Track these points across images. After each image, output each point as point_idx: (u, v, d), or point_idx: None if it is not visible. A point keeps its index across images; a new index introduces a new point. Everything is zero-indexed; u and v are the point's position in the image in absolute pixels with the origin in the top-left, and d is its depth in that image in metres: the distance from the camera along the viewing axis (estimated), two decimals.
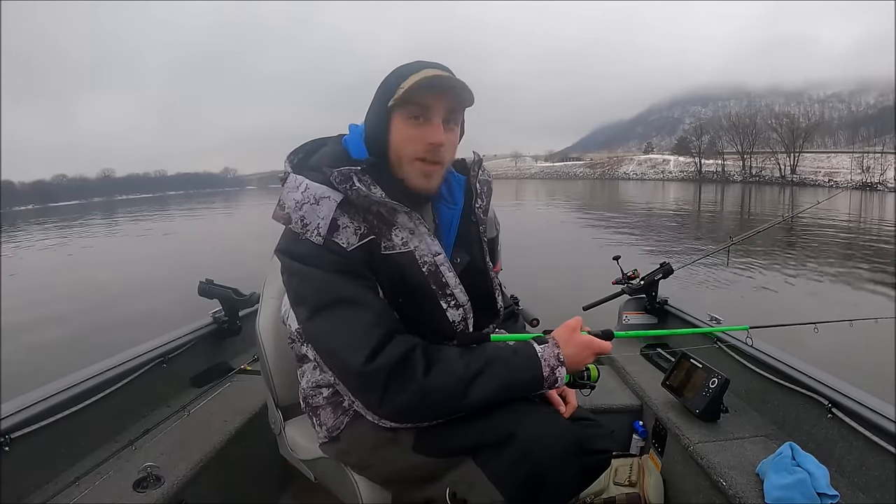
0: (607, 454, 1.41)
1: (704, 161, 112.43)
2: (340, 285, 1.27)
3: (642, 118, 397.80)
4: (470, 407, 1.27)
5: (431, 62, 1.34)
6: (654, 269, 3.00)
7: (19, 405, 1.66)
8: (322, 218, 1.27)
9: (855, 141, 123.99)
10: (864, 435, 1.67)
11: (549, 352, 1.31)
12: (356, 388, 1.28)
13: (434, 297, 1.39)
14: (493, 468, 1.25)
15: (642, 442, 2.38)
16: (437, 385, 1.24)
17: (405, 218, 1.34)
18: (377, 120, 1.35)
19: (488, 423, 1.28)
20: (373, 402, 1.26)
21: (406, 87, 1.26)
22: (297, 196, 1.30)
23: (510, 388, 1.29)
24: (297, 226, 1.28)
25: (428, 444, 1.35)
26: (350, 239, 1.28)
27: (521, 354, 1.31)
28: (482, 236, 1.59)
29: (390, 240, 1.34)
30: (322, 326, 1.28)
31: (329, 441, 1.54)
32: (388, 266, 1.33)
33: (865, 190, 56.02)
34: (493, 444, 1.26)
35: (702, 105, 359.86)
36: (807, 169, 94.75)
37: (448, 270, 1.39)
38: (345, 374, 1.28)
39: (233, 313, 2.71)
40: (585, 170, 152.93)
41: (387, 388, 1.22)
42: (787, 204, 38.42)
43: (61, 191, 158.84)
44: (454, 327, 1.42)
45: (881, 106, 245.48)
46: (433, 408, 1.27)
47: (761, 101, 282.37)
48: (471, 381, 1.25)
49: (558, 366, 1.30)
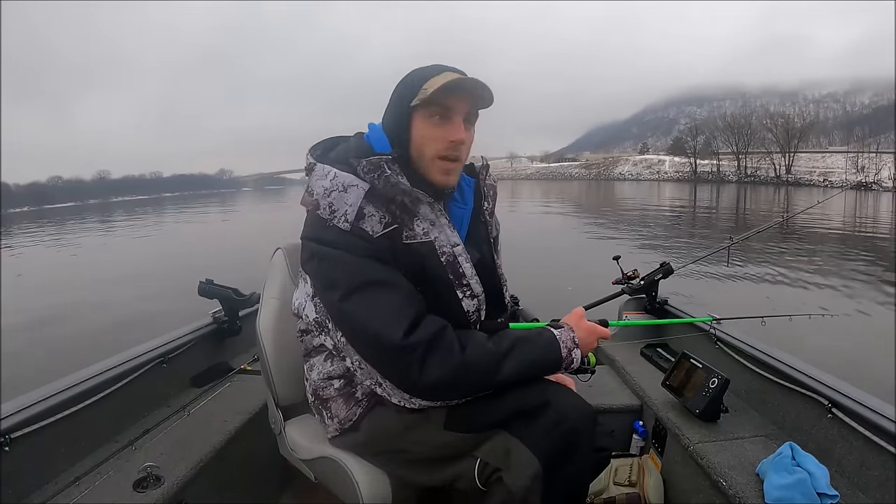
0: (607, 452, 1.48)
1: (700, 161, 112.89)
2: (371, 268, 1.32)
3: (638, 118, 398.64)
4: (501, 383, 1.34)
5: (448, 66, 1.41)
6: (654, 269, 2.99)
7: (19, 405, 1.65)
8: (350, 205, 1.33)
9: (850, 141, 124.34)
10: (864, 435, 1.67)
11: (566, 335, 1.43)
12: (392, 364, 1.32)
13: (451, 287, 1.44)
14: (529, 434, 1.31)
15: (642, 442, 2.38)
16: (474, 360, 1.31)
17: (427, 209, 1.40)
18: (398, 119, 1.41)
19: (521, 395, 1.36)
20: (411, 376, 1.30)
21: (431, 88, 1.32)
22: (325, 183, 1.35)
23: (536, 366, 1.39)
24: (325, 212, 1.34)
25: (460, 420, 1.40)
26: (375, 227, 1.34)
27: (544, 337, 1.42)
28: (490, 235, 1.65)
29: (412, 229, 1.39)
30: (357, 306, 1.32)
31: (341, 434, 1.55)
32: (409, 255, 1.38)
33: (860, 190, 56.21)
34: (528, 413, 1.32)
35: (697, 105, 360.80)
36: (802, 169, 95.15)
37: (465, 261, 1.45)
38: (383, 350, 1.31)
39: (233, 313, 2.70)
40: (581, 170, 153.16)
41: (424, 361, 1.28)
42: (782, 204, 38.60)
43: (57, 192, 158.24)
44: (469, 317, 1.47)
45: (876, 106, 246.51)
46: (469, 383, 1.34)
47: (756, 102, 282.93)
48: (503, 357, 1.33)
49: (574, 348, 1.42)
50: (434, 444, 1.43)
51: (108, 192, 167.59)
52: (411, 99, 1.36)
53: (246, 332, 2.74)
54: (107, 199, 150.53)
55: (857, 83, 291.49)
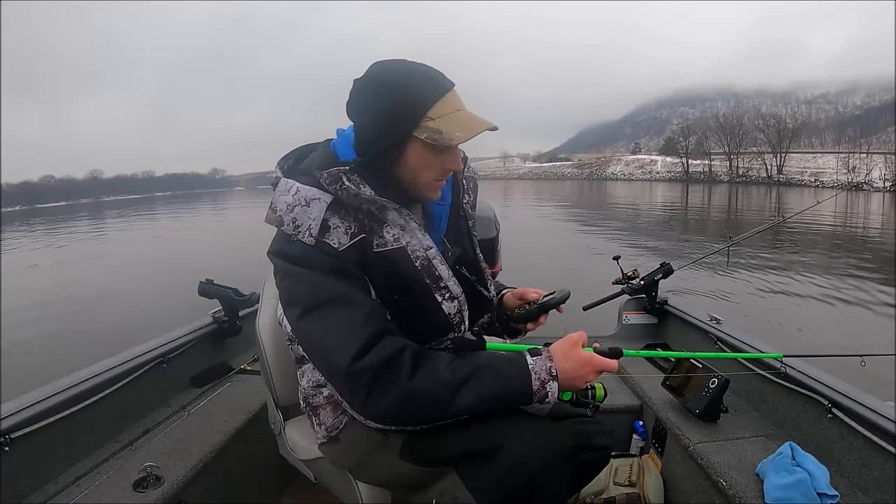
0: (606, 450, 1.43)
1: (692, 161, 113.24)
2: (332, 285, 1.27)
3: (630, 118, 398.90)
4: (456, 414, 1.26)
5: (439, 76, 1.33)
6: (654, 269, 3.01)
7: (19, 405, 1.65)
8: (313, 219, 1.28)
9: (841, 141, 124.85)
10: (864, 435, 1.68)
11: (542, 365, 1.27)
12: (343, 388, 1.28)
13: (429, 291, 1.40)
14: (477, 482, 1.26)
15: (642, 442, 2.39)
16: (422, 389, 1.22)
17: (395, 215, 1.36)
18: (388, 138, 1.31)
19: (475, 433, 1.28)
20: (358, 403, 1.25)
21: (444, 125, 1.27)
22: (287, 199, 1.31)
23: (497, 399, 1.26)
24: (288, 227, 1.29)
25: (413, 451, 1.37)
26: (341, 239, 1.29)
27: (514, 365, 1.28)
28: (472, 230, 1.62)
29: (382, 237, 1.35)
30: (312, 326, 1.28)
31: (328, 441, 1.54)
32: (382, 263, 1.34)
33: (852, 190, 56.47)
34: (479, 455, 1.26)
35: (690, 106, 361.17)
36: (793, 169, 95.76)
37: (441, 264, 1.41)
38: (333, 373, 1.28)
39: (233, 313, 2.70)
40: (573, 170, 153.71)
41: (371, 388, 1.22)
42: (773, 203, 38.73)
43: (49, 192, 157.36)
44: (450, 320, 1.44)
45: (867, 107, 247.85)
46: (417, 413, 1.26)
47: (749, 102, 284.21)
48: (457, 388, 1.23)
49: (549, 380, 1.26)
50: (392, 471, 1.43)
51: (100, 192, 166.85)
52: (409, 123, 1.28)
53: (246, 332, 2.73)
54: (98, 198, 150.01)
55: (850, 84, 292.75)
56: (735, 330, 2.47)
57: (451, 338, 1.47)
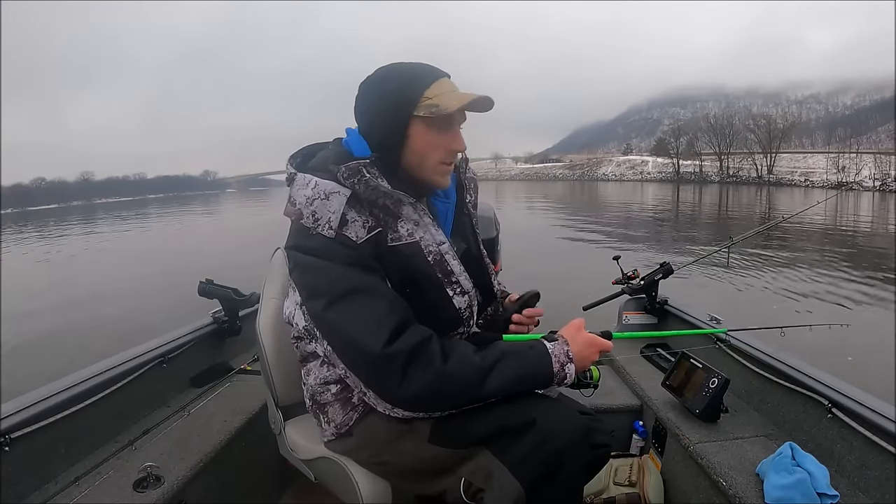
0: (607, 448, 1.46)
1: (682, 162, 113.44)
2: (354, 276, 1.31)
3: (622, 119, 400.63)
4: (485, 398, 1.32)
5: (434, 67, 1.43)
6: (654, 269, 3.01)
7: (19, 405, 1.64)
8: (333, 212, 1.32)
9: (831, 141, 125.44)
10: (864, 435, 1.69)
11: (559, 349, 1.38)
12: (373, 374, 1.31)
13: (441, 286, 1.45)
14: (510, 457, 1.29)
15: (642, 442, 2.39)
16: (455, 373, 1.28)
17: (410, 209, 1.40)
18: (391, 124, 1.39)
19: (507, 412, 1.33)
20: (390, 387, 1.29)
21: (440, 101, 1.35)
22: (307, 192, 1.35)
23: (522, 381, 1.34)
24: (308, 220, 1.33)
25: (444, 434, 1.39)
26: (359, 232, 1.33)
27: (535, 350, 1.37)
28: (475, 227, 1.70)
29: (396, 231, 1.39)
30: (338, 316, 1.31)
31: (337, 438, 1.55)
32: (395, 257, 1.38)
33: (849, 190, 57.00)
34: (512, 431, 1.31)
35: (681, 106, 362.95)
36: (783, 169, 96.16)
37: (452, 259, 1.46)
38: (362, 361, 1.31)
39: (233, 313, 2.69)
40: (565, 171, 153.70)
41: (405, 372, 1.26)
42: (764, 203, 38.91)
43: (40, 194, 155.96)
44: (461, 314, 1.49)
45: (857, 107, 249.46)
46: (450, 396, 1.31)
47: (740, 103, 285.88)
48: (488, 371, 1.30)
49: (567, 362, 1.37)
50: (419, 457, 1.43)
51: (91, 194, 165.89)
52: (409, 105, 1.36)
53: (246, 332, 2.73)
54: (90, 200, 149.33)
55: (842, 84, 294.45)
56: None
57: (461, 332, 1.52)
